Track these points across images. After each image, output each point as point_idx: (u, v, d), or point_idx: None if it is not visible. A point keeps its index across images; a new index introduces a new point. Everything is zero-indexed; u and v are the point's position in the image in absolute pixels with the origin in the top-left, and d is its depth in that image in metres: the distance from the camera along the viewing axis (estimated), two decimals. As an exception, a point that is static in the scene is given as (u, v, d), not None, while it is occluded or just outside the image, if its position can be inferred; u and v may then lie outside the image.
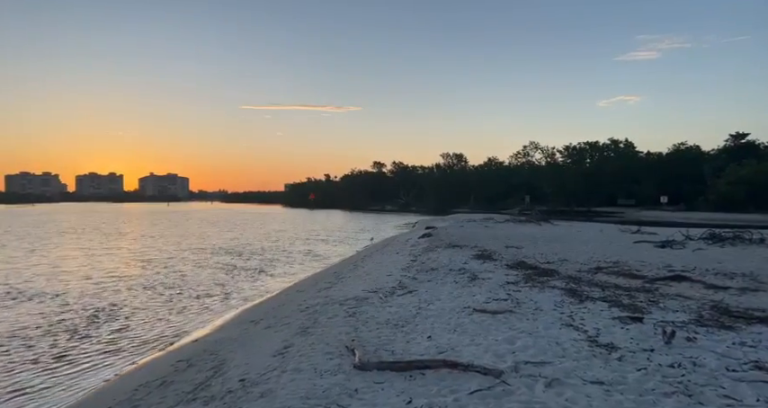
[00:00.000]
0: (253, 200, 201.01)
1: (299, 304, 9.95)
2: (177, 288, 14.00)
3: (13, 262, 19.07)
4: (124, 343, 8.53)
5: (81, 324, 9.82)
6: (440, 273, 11.84)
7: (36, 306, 11.51)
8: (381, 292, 10.13)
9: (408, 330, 6.99)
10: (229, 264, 18.86)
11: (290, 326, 7.83)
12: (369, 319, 7.81)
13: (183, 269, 17.68)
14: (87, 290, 13.44)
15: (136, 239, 31.45)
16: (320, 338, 6.73)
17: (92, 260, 20.26)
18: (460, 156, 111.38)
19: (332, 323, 7.60)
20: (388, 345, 6.28)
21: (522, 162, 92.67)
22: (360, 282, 12.07)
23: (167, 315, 10.76)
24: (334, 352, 5.99)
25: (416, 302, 8.86)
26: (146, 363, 7.19)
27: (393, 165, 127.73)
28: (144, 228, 44.76)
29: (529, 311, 7.44)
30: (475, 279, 10.41)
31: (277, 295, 12.77)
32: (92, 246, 26.02)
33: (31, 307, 11.30)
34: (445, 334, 6.57)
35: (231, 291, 13.61)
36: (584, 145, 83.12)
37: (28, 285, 14.17)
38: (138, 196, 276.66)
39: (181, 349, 7.84)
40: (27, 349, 8.00)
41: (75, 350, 8.07)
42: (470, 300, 8.53)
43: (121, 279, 15.27)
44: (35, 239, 30.12)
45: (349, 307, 8.81)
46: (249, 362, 5.97)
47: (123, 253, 22.72)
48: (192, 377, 5.76)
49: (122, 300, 12.20)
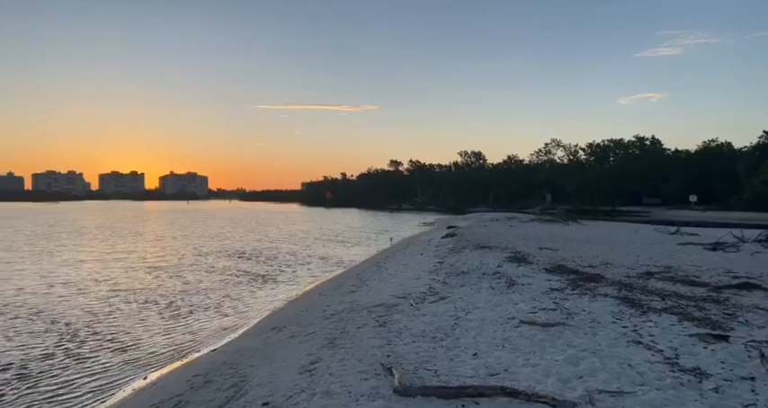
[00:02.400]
0: (270, 199, 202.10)
1: (322, 309, 9.26)
2: (198, 290, 13.48)
3: (12, 268, 18.91)
4: (138, 353, 7.97)
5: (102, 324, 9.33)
6: (472, 277, 11.03)
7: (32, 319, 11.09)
8: (411, 298, 9.38)
9: (449, 344, 6.22)
10: (256, 266, 18.34)
11: (315, 336, 7.13)
12: (402, 330, 7.07)
13: (208, 269, 17.22)
14: (113, 290, 13.03)
15: (159, 240, 31.34)
16: (350, 352, 6.01)
17: (113, 258, 20.02)
18: (479, 154, 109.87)
19: (361, 334, 6.88)
20: (429, 363, 5.52)
21: (543, 160, 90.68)
22: (386, 286, 11.34)
23: (185, 321, 10.19)
24: (368, 371, 5.26)
25: (452, 310, 8.08)
26: (160, 377, 6.58)
27: (410, 164, 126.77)
28: (167, 228, 44.89)
29: (584, 324, 6.59)
30: (513, 285, 9.57)
31: (299, 298, 12.14)
32: (113, 246, 25.91)
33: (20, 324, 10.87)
34: (493, 351, 5.78)
35: (254, 293, 13.04)
36: (609, 142, 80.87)
37: (20, 297, 13.84)
38: (158, 194, 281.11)
39: (198, 360, 7.22)
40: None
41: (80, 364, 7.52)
42: (513, 309, 7.71)
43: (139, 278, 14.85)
44: (45, 240, 30.25)
45: (378, 315, 8.08)
46: (273, 380, 5.27)
47: (149, 257, 22.45)
48: (209, 398, 5.10)
49: (145, 299, 11.71)
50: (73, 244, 24.72)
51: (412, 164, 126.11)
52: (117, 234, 33.05)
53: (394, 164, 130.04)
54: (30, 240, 27.03)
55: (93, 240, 27.52)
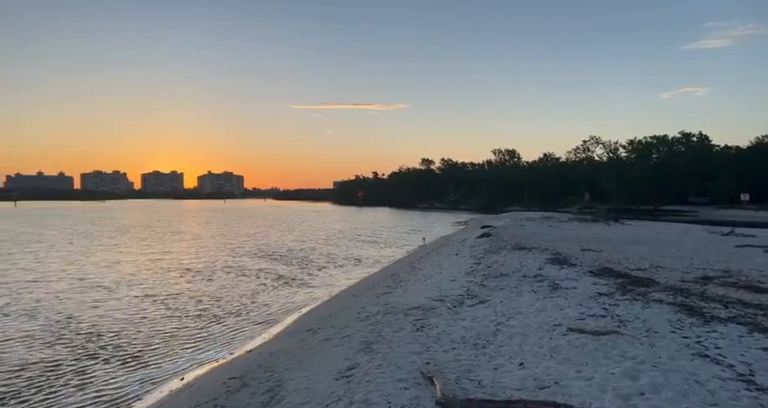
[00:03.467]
0: (302, 198, 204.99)
1: (357, 311, 9.07)
2: (232, 291, 13.60)
3: (48, 265, 19.64)
4: (181, 349, 8.01)
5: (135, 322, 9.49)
6: (512, 280, 10.59)
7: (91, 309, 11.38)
8: (448, 301, 9.06)
9: (492, 352, 5.88)
10: (290, 267, 18.45)
11: (350, 340, 6.93)
12: (441, 335, 6.77)
13: (242, 270, 17.43)
14: (146, 287, 13.32)
15: (196, 239, 32.13)
16: (388, 358, 5.76)
17: (155, 257, 20.59)
18: (513, 152, 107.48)
19: (398, 339, 6.62)
20: (472, 372, 5.21)
21: (581, 158, 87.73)
22: (421, 287, 11.05)
23: (223, 320, 10.24)
24: (407, 379, 5.00)
25: (493, 315, 7.71)
26: (196, 379, 6.55)
27: (442, 162, 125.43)
28: (204, 227, 46.03)
29: (639, 332, 6.10)
30: (557, 289, 9.09)
31: (333, 299, 12.02)
32: (155, 245, 26.71)
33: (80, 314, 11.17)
34: (540, 361, 5.40)
35: (289, 294, 13.03)
36: (651, 139, 77.34)
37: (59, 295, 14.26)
38: (196, 193, 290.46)
39: (234, 361, 7.17)
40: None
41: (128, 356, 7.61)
42: (559, 315, 7.26)
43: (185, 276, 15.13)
44: (86, 238, 31.48)
45: (415, 319, 7.81)
46: (309, 386, 5.10)
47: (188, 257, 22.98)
48: (246, 402, 4.98)
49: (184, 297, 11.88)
50: (112, 244, 25.36)
51: (444, 162, 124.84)
52: (155, 233, 34.06)
53: (425, 162, 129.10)
54: (72, 239, 27.98)
55: (132, 239, 28.35)
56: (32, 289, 12.66)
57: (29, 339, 8.47)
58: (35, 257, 18.95)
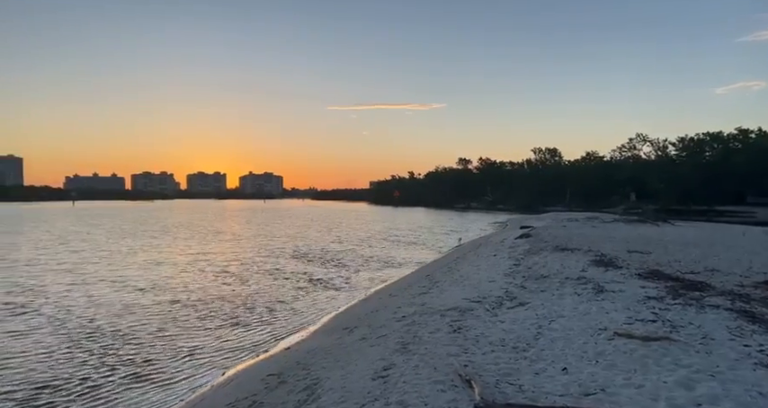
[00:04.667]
0: (340, 198, 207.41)
1: (393, 311, 9.01)
2: (270, 290, 13.87)
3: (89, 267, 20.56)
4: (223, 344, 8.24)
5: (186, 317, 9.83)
6: (553, 282, 10.24)
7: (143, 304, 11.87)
8: (486, 303, 8.86)
9: (533, 356, 5.68)
10: (327, 266, 18.67)
11: (386, 340, 6.88)
12: (479, 337, 6.61)
13: (280, 270, 17.78)
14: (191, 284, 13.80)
15: (237, 239, 33.07)
16: (424, 359, 5.67)
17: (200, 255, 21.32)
18: (554, 151, 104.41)
19: (435, 340, 6.51)
20: (512, 376, 5.04)
21: (627, 156, 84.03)
22: (458, 288, 10.87)
23: (261, 318, 10.45)
24: (444, 381, 4.89)
25: (533, 318, 7.46)
26: (236, 374, 6.69)
27: (479, 162, 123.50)
28: (245, 227, 47.32)
29: (695, 340, 5.73)
30: (602, 292, 8.70)
31: (369, 298, 12.03)
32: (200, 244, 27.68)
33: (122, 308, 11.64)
34: (585, 366, 5.16)
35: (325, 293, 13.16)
36: (704, 136, 73.11)
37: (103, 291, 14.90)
38: (238, 193, 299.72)
39: (273, 358, 7.28)
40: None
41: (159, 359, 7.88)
42: (604, 319, 6.94)
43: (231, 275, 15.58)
44: (131, 238, 32.92)
45: (452, 320, 7.67)
46: (346, 385, 5.08)
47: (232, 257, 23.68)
48: (283, 400, 5.02)
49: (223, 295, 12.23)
50: (155, 244, 25.89)
51: (481, 161, 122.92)
52: (198, 233, 35.17)
53: (462, 162, 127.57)
54: (117, 239, 28.97)
55: (175, 239, 29.26)
56: (70, 290, 12.72)
57: (65, 337, 8.76)
58: (79, 256, 19.55)
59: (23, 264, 16.81)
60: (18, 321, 9.70)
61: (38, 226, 41.60)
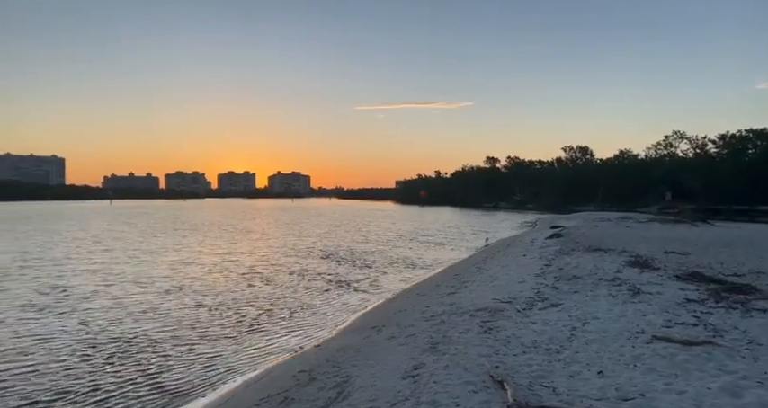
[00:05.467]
0: (366, 197, 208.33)
1: (422, 311, 8.98)
2: (297, 290, 14.04)
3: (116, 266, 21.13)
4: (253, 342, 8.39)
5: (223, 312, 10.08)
6: (586, 283, 9.98)
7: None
8: (517, 303, 8.71)
9: (567, 358, 5.54)
10: (355, 265, 18.76)
11: (416, 339, 6.85)
12: (510, 338, 6.50)
13: (308, 270, 17.98)
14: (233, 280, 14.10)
15: (266, 238, 33.57)
16: (455, 359, 5.62)
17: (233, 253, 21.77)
18: (585, 149, 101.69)
19: (465, 341, 6.45)
20: (546, 379, 4.93)
21: (663, 154, 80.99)
22: (487, 288, 10.73)
23: (291, 316, 10.59)
24: (475, 382, 4.83)
25: (566, 319, 7.29)
26: (268, 370, 6.80)
27: (507, 160, 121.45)
28: (273, 226, 48.00)
29: (740, 345, 5.48)
30: (638, 294, 8.43)
31: (397, 297, 12.01)
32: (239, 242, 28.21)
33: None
34: (622, 370, 5.01)
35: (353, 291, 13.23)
36: (747, 132, 69.72)
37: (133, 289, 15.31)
38: (267, 192, 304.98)
39: (303, 355, 7.36)
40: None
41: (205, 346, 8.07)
42: (641, 322, 6.72)
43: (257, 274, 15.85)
44: (161, 236, 33.77)
45: (482, 320, 7.57)
46: (376, 384, 5.09)
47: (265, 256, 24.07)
48: (314, 396, 5.07)
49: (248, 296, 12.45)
50: (185, 243, 26.00)
51: (510, 160, 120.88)
52: (227, 231, 35.73)
53: (490, 160, 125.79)
54: (148, 237, 29.53)
55: (205, 238, 29.68)
56: (96, 291, 12.58)
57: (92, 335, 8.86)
58: (110, 256, 19.82)
59: (55, 264, 17.19)
60: (41, 322, 9.53)
61: (75, 224, 43.32)
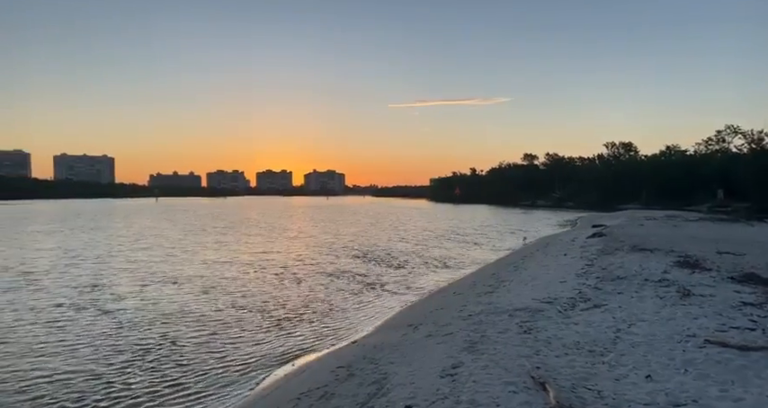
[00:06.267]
0: (399, 195, 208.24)
1: (458, 310, 8.89)
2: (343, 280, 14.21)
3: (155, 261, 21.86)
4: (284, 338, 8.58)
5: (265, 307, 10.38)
6: (631, 283, 9.61)
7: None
8: (558, 303, 8.49)
9: (612, 361, 5.36)
10: (390, 265, 18.84)
11: (453, 338, 6.80)
12: (551, 339, 6.35)
13: (344, 270, 18.17)
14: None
15: (303, 237, 34.12)
16: (494, 359, 5.54)
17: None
18: (629, 145, 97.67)
19: (504, 340, 6.34)
20: (589, 381, 4.79)
21: (714, 150, 76.62)
22: (526, 288, 10.52)
23: (328, 313, 10.75)
24: (516, 383, 4.75)
25: (611, 321, 7.05)
26: (306, 365, 6.94)
27: (546, 157, 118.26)
28: (310, 224, 48.76)
29: (803, 352, 5.11)
30: (688, 295, 8.04)
31: (433, 296, 11.96)
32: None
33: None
34: (672, 374, 4.80)
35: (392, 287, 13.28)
36: (808, 125, 64.92)
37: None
38: (303, 190, 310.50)
39: (340, 352, 7.46)
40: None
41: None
42: (692, 325, 6.40)
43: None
44: (200, 233, 34.79)
45: (521, 320, 7.43)
46: (414, 382, 5.09)
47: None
48: (353, 392, 5.13)
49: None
50: (222, 241, 26.19)
51: (548, 157, 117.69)
52: (264, 229, 36.31)
53: (528, 157, 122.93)
54: (188, 235, 30.31)
55: (243, 236, 30.19)
56: (131, 292, 12.50)
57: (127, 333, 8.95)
58: (149, 254, 20.22)
59: (95, 262, 17.56)
60: (75, 322, 9.50)
61: (121, 221, 45.36)
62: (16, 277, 14.29)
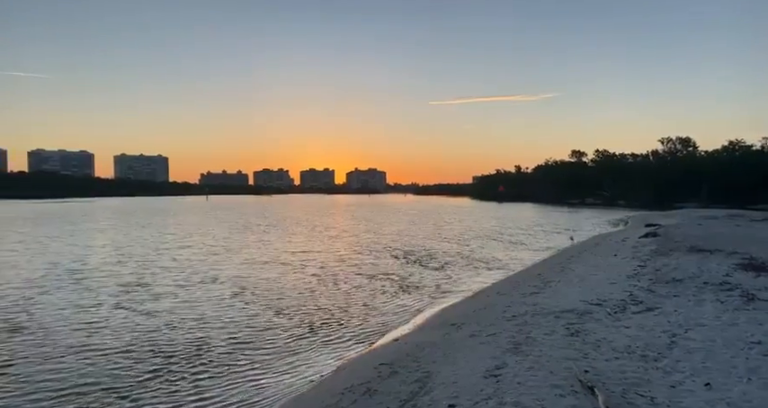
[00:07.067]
0: (441, 193, 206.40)
1: (502, 310, 8.74)
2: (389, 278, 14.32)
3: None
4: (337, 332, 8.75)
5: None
6: (689, 286, 9.11)
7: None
8: (607, 306, 8.20)
9: (666, 367, 5.13)
10: (432, 266, 18.76)
11: (497, 339, 6.70)
12: (600, 342, 6.15)
13: (386, 271, 18.26)
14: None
15: (347, 236, 34.48)
16: (539, 361, 5.42)
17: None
18: (687, 141, 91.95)
19: (550, 343, 6.19)
20: (642, 387, 4.61)
21: (786, 144, 70.82)
22: (573, 289, 10.19)
23: (370, 312, 10.87)
24: (562, 386, 4.63)
25: (665, 325, 6.73)
26: (350, 361, 7.05)
27: (595, 154, 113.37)
28: (353, 223, 49.26)
29: None
30: (753, 300, 7.55)
31: (476, 295, 11.81)
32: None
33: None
34: (734, 383, 4.54)
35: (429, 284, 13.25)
36: None
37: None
38: (345, 188, 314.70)
39: (383, 348, 7.52)
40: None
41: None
42: (757, 331, 6.02)
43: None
44: (246, 232, 35.73)
45: (568, 322, 7.22)
46: (457, 381, 5.07)
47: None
48: (396, 389, 5.17)
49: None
50: (266, 240, 26.35)
51: (598, 153, 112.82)
52: (307, 228, 36.73)
53: (576, 154, 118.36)
54: (233, 233, 30.83)
55: (286, 234, 30.57)
56: (165, 292, 12.40)
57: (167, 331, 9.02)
58: (192, 252, 20.63)
59: (141, 260, 17.94)
60: (112, 321, 9.46)
61: (172, 219, 47.39)
62: (65, 273, 14.77)
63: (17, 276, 14.37)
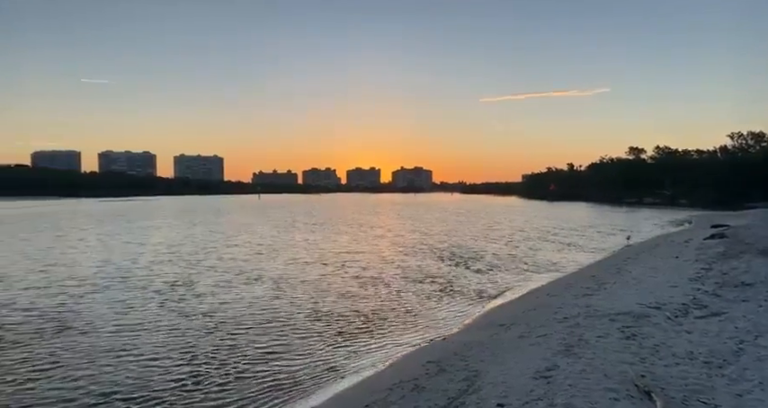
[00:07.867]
0: (489, 191, 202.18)
1: (553, 311, 8.54)
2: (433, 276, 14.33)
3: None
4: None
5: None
6: (759, 291, 8.53)
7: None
8: (667, 309, 7.83)
9: (732, 374, 4.87)
10: (478, 268, 18.55)
11: (548, 340, 6.58)
12: (658, 347, 5.91)
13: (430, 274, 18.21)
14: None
15: (392, 235, 34.60)
16: (592, 364, 5.29)
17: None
18: (760, 136, 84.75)
19: (604, 346, 6.01)
20: (704, 394, 4.41)
21: None
22: (630, 292, 9.78)
23: (417, 312, 10.94)
24: (617, 390, 4.51)
25: (732, 331, 6.36)
26: (396, 359, 7.16)
27: (655, 150, 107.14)
28: (398, 222, 49.36)
29: None
30: (835, 309, 6.93)
31: (525, 296, 11.58)
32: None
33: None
34: (810, 397, 4.22)
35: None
36: None
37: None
38: (391, 187, 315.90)
39: (431, 347, 7.57)
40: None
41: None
42: (840, 343, 5.53)
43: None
44: (292, 231, 36.49)
45: (623, 325, 6.97)
46: (506, 381, 5.05)
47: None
48: (443, 387, 5.23)
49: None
50: (311, 240, 26.34)
51: (657, 150, 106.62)
52: (353, 226, 36.87)
53: (633, 151, 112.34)
54: (279, 232, 31.32)
55: (332, 233, 30.66)
56: (204, 292, 12.33)
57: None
58: (239, 251, 20.69)
59: (189, 258, 18.32)
60: (153, 325, 9.29)
61: (224, 217, 48.93)
62: (116, 272, 15.21)
63: (72, 274, 14.75)
